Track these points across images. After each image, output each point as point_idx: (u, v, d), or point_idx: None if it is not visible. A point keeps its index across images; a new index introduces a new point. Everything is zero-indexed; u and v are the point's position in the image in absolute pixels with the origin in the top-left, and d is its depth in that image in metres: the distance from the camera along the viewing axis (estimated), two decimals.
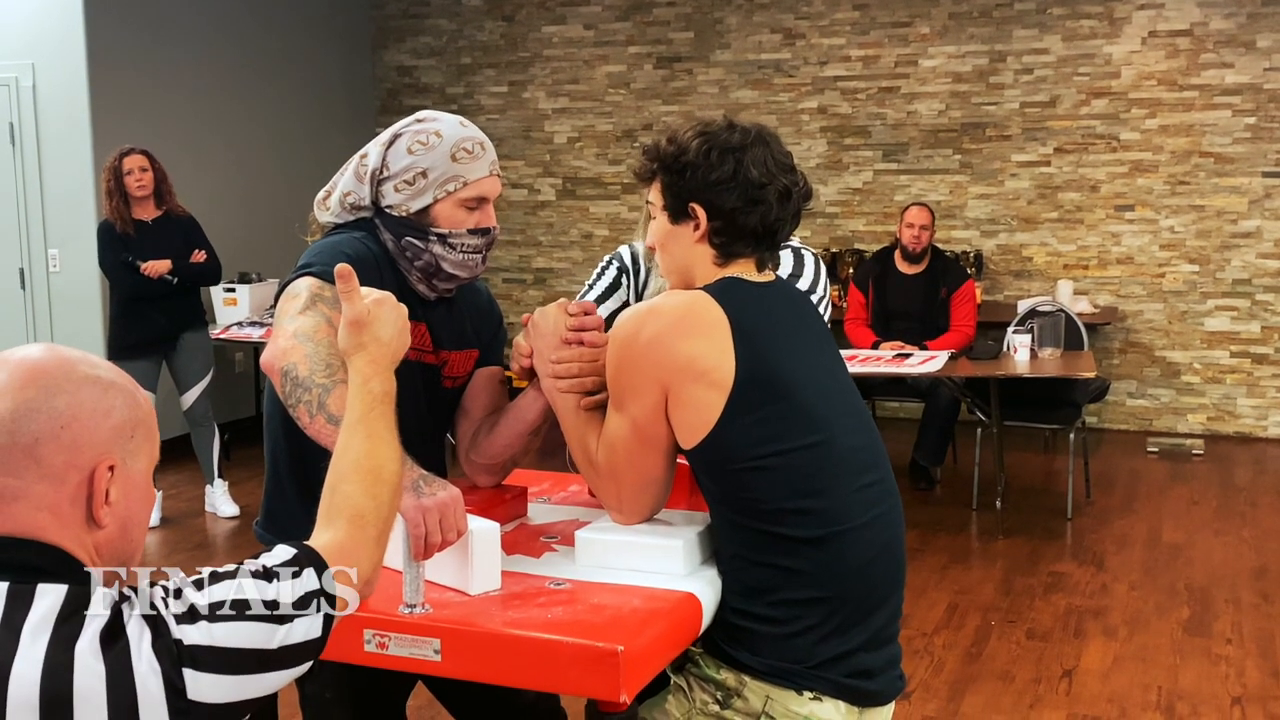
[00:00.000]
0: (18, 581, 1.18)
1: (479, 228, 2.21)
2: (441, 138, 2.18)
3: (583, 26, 8.91)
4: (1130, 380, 7.96)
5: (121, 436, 1.27)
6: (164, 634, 1.19)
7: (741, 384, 1.91)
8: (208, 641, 1.20)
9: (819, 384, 2.00)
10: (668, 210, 2.07)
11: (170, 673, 1.17)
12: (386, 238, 2.22)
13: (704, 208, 2.02)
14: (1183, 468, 7.12)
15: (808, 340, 2.05)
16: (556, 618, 1.80)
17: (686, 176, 2.02)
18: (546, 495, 2.49)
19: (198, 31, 7.77)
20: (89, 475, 1.24)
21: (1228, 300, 7.73)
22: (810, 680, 1.93)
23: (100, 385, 1.26)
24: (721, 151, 2.00)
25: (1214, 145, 7.65)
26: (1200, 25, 7.61)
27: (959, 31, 8.07)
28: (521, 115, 9.14)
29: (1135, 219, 7.86)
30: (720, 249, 2.04)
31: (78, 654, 1.14)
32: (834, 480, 1.95)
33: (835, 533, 1.93)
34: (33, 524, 1.21)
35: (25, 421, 1.21)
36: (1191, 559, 5.45)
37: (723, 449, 1.93)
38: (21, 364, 1.24)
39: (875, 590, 1.98)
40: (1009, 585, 5.14)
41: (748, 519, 1.95)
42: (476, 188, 2.20)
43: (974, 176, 8.14)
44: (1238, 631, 4.61)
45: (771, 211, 2.02)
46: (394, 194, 2.19)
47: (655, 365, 1.94)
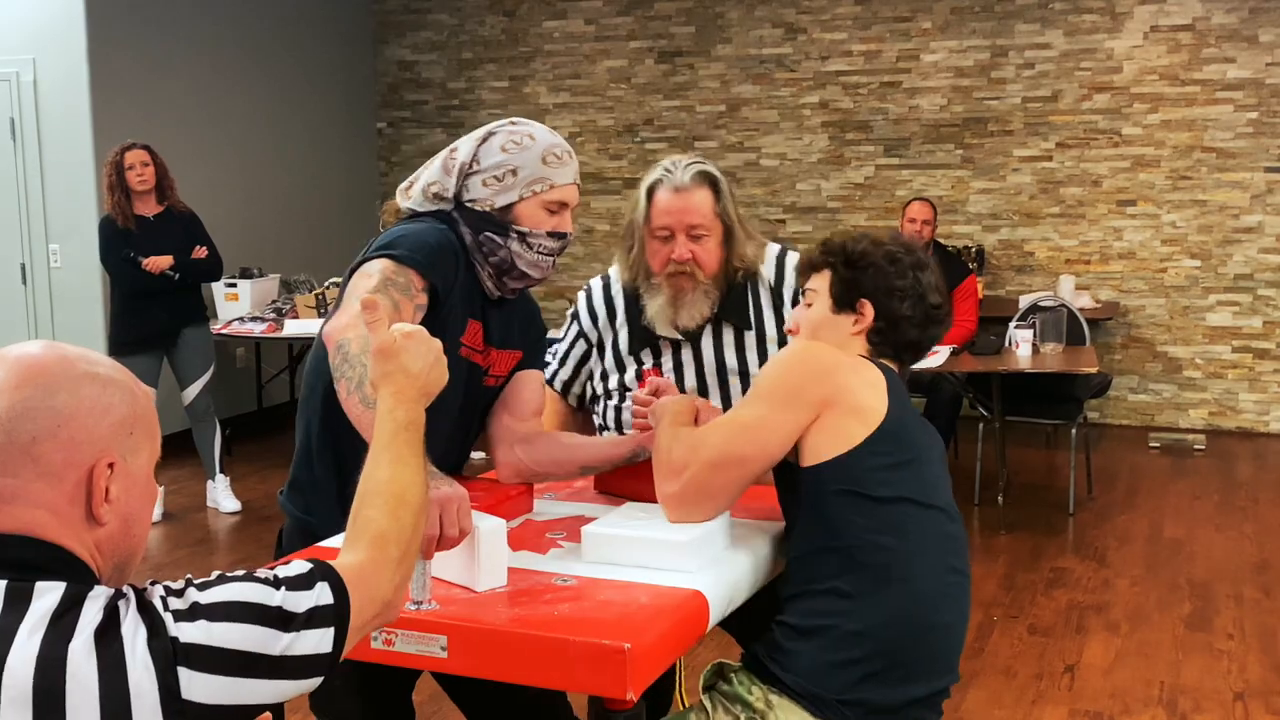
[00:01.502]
0: (17, 579, 1.18)
1: (557, 231, 2.30)
2: (535, 140, 2.27)
3: (584, 21, 8.90)
4: (1132, 375, 7.96)
5: (121, 433, 1.26)
6: (160, 632, 1.17)
7: (885, 429, 2.03)
8: (205, 640, 1.18)
9: (936, 473, 2.13)
10: (834, 299, 2.17)
11: (165, 671, 1.15)
12: (464, 230, 2.27)
13: (875, 306, 2.14)
14: (1184, 463, 7.11)
15: (933, 439, 2.19)
16: (563, 614, 1.80)
17: (868, 274, 2.14)
18: (553, 492, 2.49)
19: (199, 26, 7.76)
20: (88, 473, 1.23)
21: (1230, 295, 7.73)
22: (836, 712, 1.96)
23: (99, 382, 1.25)
24: (906, 266, 2.15)
25: (1216, 140, 7.65)
26: (1202, 20, 7.61)
27: (960, 26, 8.06)
28: (522, 110, 9.12)
29: (1137, 214, 7.85)
30: (876, 347, 2.17)
31: (71, 651, 1.14)
32: (927, 544, 2.03)
33: (906, 578, 2.00)
34: (32, 522, 1.20)
35: (23, 420, 1.20)
36: (1193, 554, 5.45)
37: (850, 472, 2.00)
38: (20, 361, 1.23)
39: (926, 659, 2.03)
40: (1011, 581, 5.14)
41: (836, 542, 2.00)
42: (561, 192, 2.30)
43: (976, 171, 8.13)
44: (1239, 627, 4.61)
45: (932, 331, 2.18)
46: (481, 188, 2.26)
47: (826, 380, 2.04)
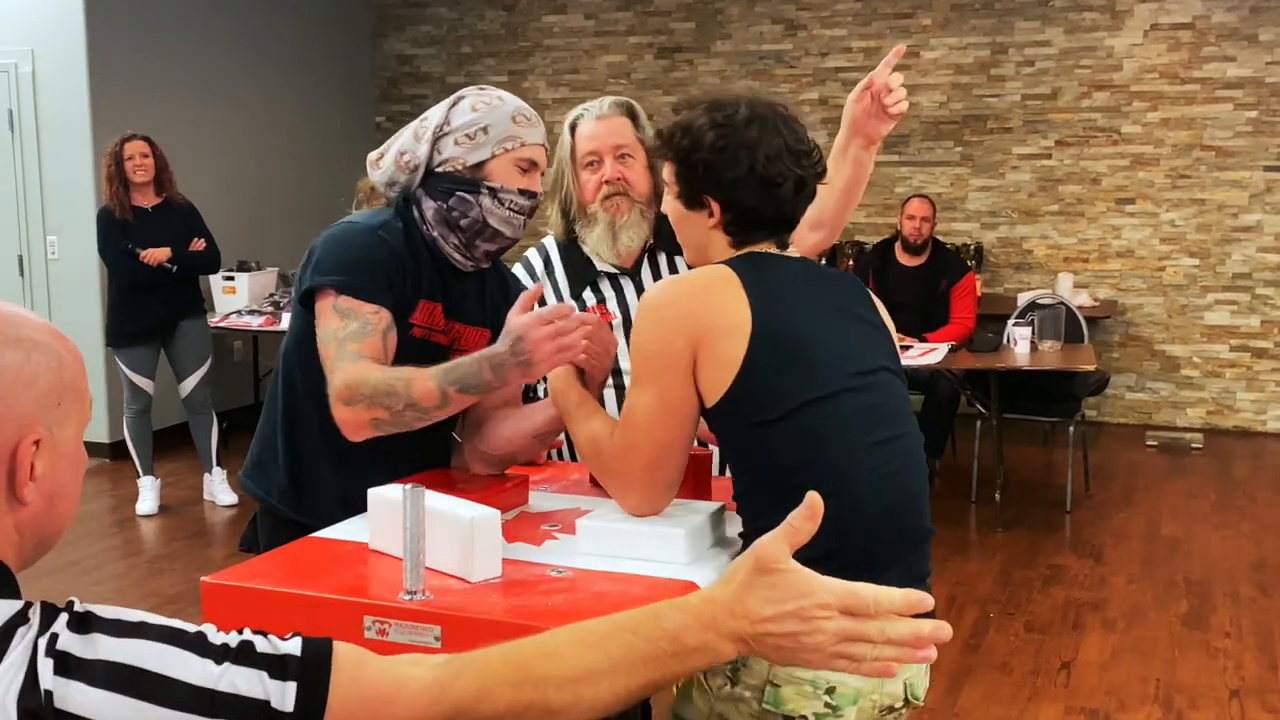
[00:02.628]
0: None
1: (528, 189, 2.32)
2: (504, 101, 2.33)
3: (583, 16, 8.90)
4: (1130, 374, 7.96)
5: (48, 404, 1.12)
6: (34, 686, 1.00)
7: (756, 337, 1.92)
8: (98, 655, 1.02)
9: (832, 344, 1.99)
10: (681, 198, 2.08)
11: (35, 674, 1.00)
12: (427, 206, 2.31)
13: (719, 203, 2.03)
14: (1182, 461, 7.11)
15: (827, 307, 2.04)
16: (557, 605, 1.79)
17: (700, 171, 2.03)
18: (548, 483, 2.48)
19: (198, 18, 7.75)
20: (11, 452, 1.10)
21: (1228, 294, 7.73)
22: None
23: (22, 349, 1.11)
24: (737, 149, 1.99)
25: (1215, 139, 7.64)
26: (1202, 19, 7.60)
27: (960, 23, 8.06)
28: None
29: (1136, 212, 7.85)
30: (736, 236, 2.06)
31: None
32: (839, 437, 1.93)
33: (841, 489, 1.89)
34: None
35: None
36: (1190, 552, 5.45)
37: (741, 404, 1.93)
38: None
39: (889, 548, 1.95)
40: (1008, 578, 5.14)
41: (762, 478, 1.95)
42: (531, 151, 2.32)
43: (975, 169, 8.13)
44: (1236, 625, 4.61)
45: (786, 204, 2.03)
46: (453, 147, 2.29)
47: (685, 324, 1.95)
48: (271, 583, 1.89)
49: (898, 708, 2.00)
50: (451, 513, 1.92)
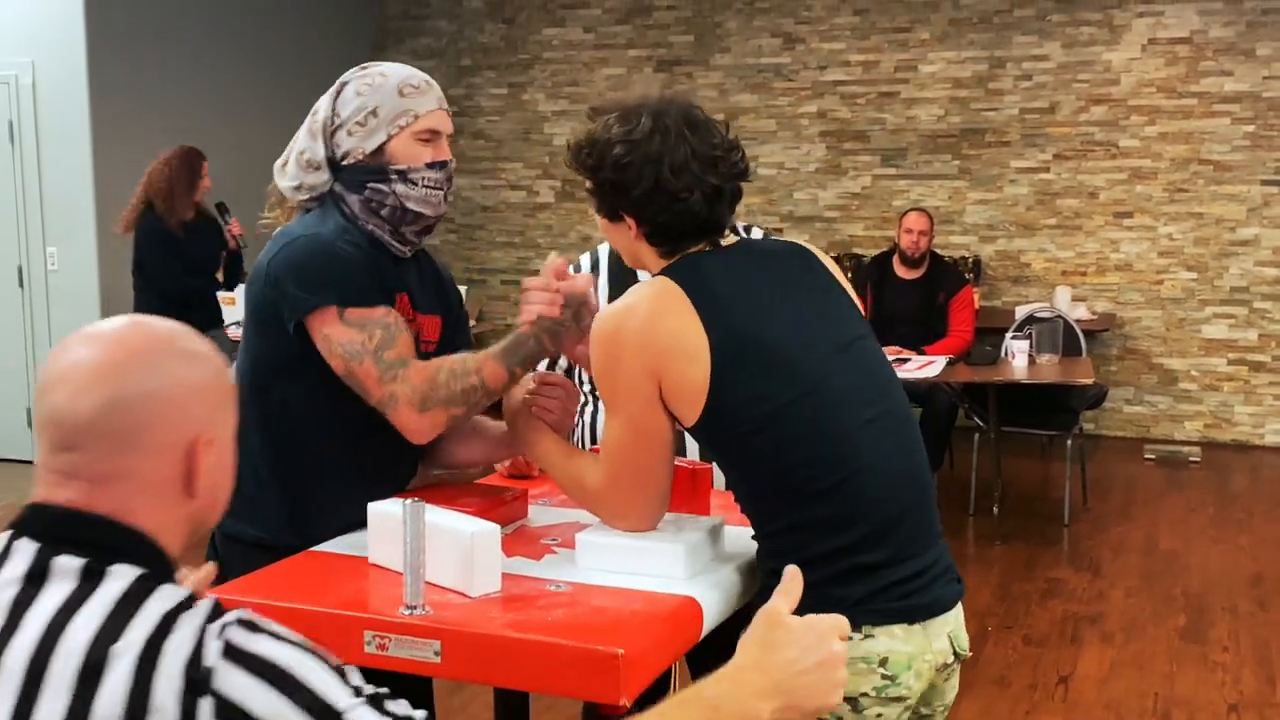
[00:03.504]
0: (95, 560, 1.20)
1: (436, 160, 2.25)
2: (386, 76, 2.24)
3: (582, 29, 8.92)
4: (1128, 387, 7.97)
5: (214, 409, 1.28)
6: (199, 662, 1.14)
7: (717, 350, 1.91)
8: (237, 696, 1.14)
9: (800, 332, 1.98)
10: (600, 212, 2.08)
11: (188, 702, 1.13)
12: (352, 201, 2.24)
13: (633, 218, 2.02)
14: (1180, 475, 7.12)
15: (783, 291, 2.02)
16: (557, 620, 1.79)
17: (609, 189, 2.01)
18: (547, 497, 2.49)
19: (199, 30, 7.77)
20: (186, 452, 1.25)
21: (1225, 308, 7.74)
22: (857, 617, 1.87)
23: (195, 362, 1.27)
24: (640, 164, 1.96)
25: (1213, 153, 7.66)
26: (1200, 33, 7.63)
27: (958, 37, 8.08)
28: (521, 117, 9.14)
29: (1134, 226, 7.86)
30: (663, 248, 2.04)
31: (122, 645, 1.15)
32: (834, 424, 1.93)
33: (847, 476, 1.91)
34: (125, 504, 1.23)
35: (128, 406, 1.22)
36: (1188, 566, 5.46)
37: (721, 419, 1.93)
38: (119, 344, 1.24)
39: (898, 513, 1.96)
40: (1006, 591, 5.14)
41: (762, 482, 1.95)
42: (428, 120, 2.24)
43: (973, 182, 8.14)
44: (1234, 639, 4.61)
45: (700, 214, 1.99)
46: (348, 139, 2.22)
47: (642, 354, 1.93)
48: (272, 597, 1.89)
49: (950, 663, 2.04)
50: (451, 528, 1.92)
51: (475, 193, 9.33)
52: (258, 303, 2.23)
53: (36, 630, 1.16)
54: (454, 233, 9.41)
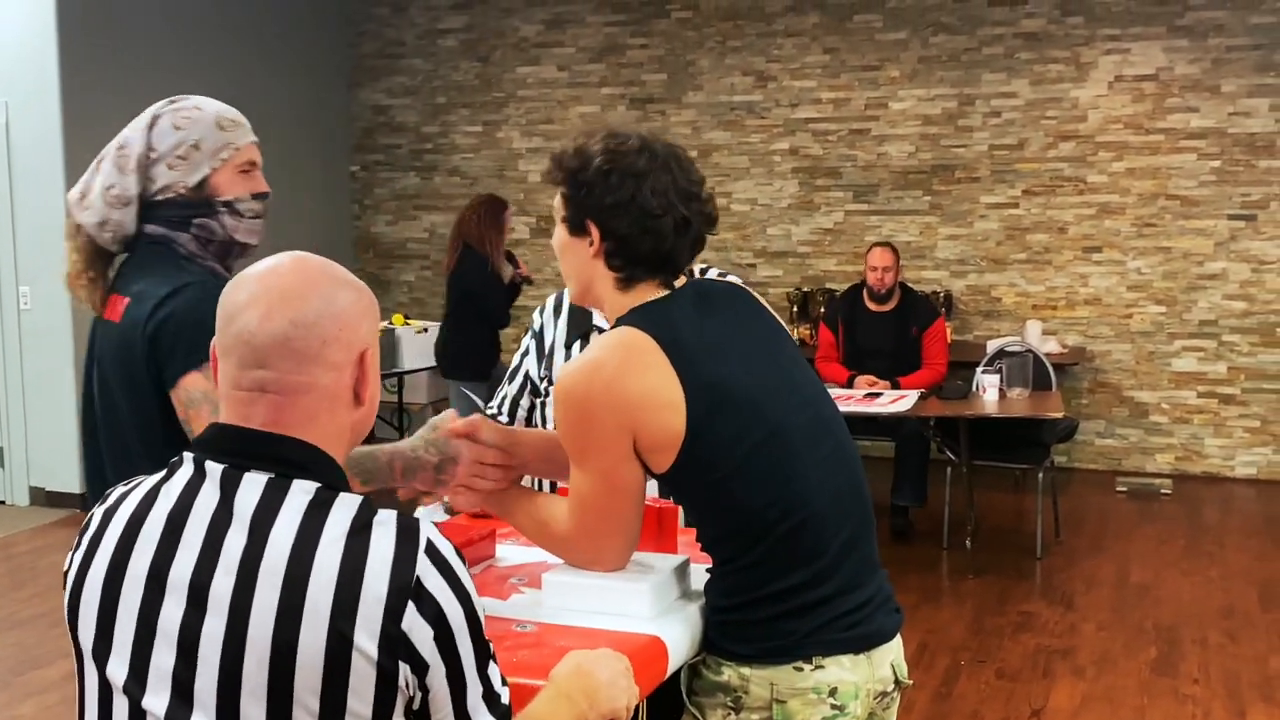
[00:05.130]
0: (279, 475, 1.38)
1: (259, 192, 2.26)
2: (202, 110, 2.22)
3: (556, 67, 8.98)
4: (1099, 420, 8.02)
5: (373, 328, 1.48)
6: (408, 561, 1.35)
7: (691, 399, 1.92)
8: (440, 600, 1.36)
9: (758, 374, 2.00)
10: (566, 222, 2.06)
11: (395, 593, 1.33)
12: (183, 239, 2.19)
13: (598, 228, 2.01)
14: (1151, 507, 7.16)
15: (739, 334, 2.04)
16: (522, 660, 1.80)
17: (583, 194, 2.01)
18: (515, 537, 2.49)
19: (174, 68, 7.78)
20: (356, 363, 1.44)
21: (1194, 341, 7.81)
22: (807, 649, 1.95)
23: (355, 287, 1.47)
24: (622, 175, 1.98)
25: (1180, 188, 7.75)
26: (1165, 70, 7.73)
27: (928, 75, 8.17)
28: (495, 155, 9.18)
29: (1103, 260, 7.94)
30: (618, 272, 2.03)
31: (322, 542, 1.34)
32: (794, 464, 1.96)
33: (806, 517, 1.95)
34: (308, 416, 1.41)
35: (316, 325, 1.41)
36: (1159, 599, 5.49)
37: (694, 466, 1.94)
38: (295, 274, 1.44)
39: (847, 547, 2.00)
40: (979, 625, 5.16)
41: (728, 524, 1.97)
42: (247, 153, 2.24)
43: (943, 218, 8.21)
44: (1205, 671, 4.64)
45: (666, 241, 2.00)
46: (168, 173, 2.18)
47: (615, 412, 1.92)
48: None
49: (890, 691, 2.06)
50: None
51: (450, 229, 9.33)
52: (134, 369, 2.11)
53: (240, 542, 1.35)
54: (429, 269, 9.43)
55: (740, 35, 8.53)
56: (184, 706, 1.34)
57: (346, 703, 1.32)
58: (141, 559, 1.38)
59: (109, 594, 1.39)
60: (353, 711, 1.33)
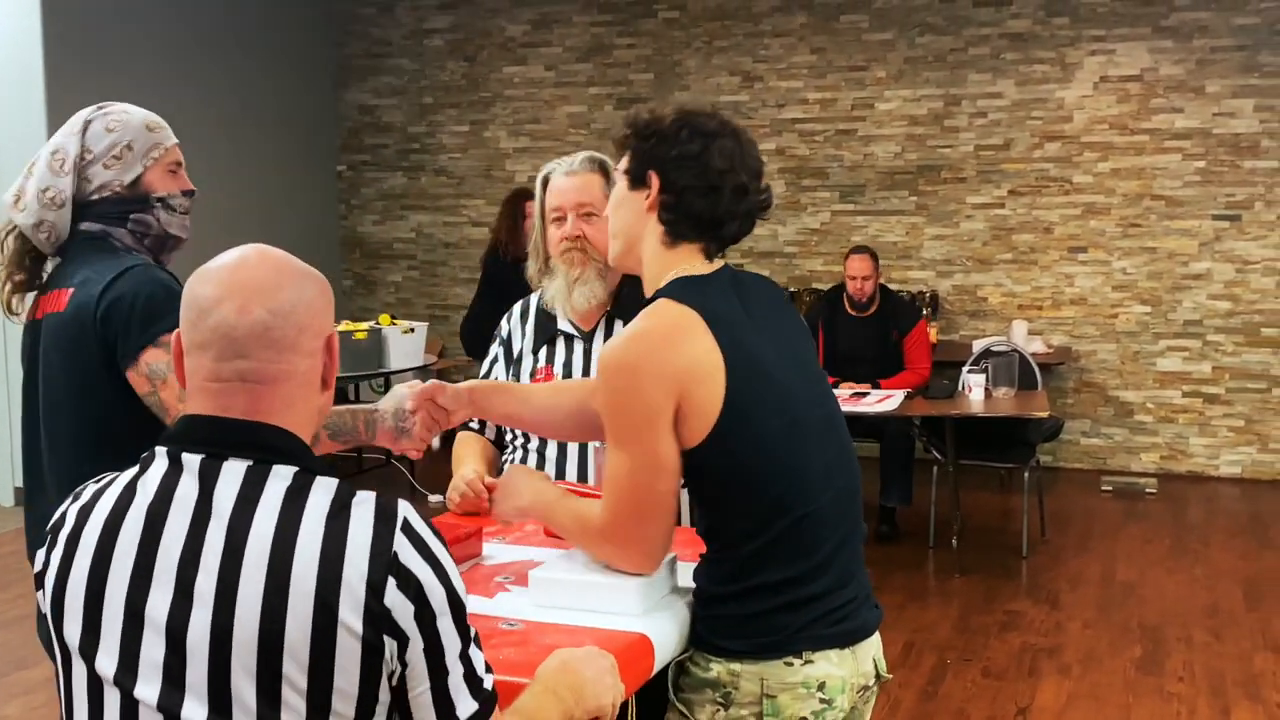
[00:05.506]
0: (258, 461, 1.42)
1: (185, 189, 2.43)
2: (129, 114, 2.38)
3: (544, 67, 8.98)
4: (1084, 419, 8.05)
5: (333, 312, 1.55)
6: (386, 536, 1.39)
7: (731, 371, 1.94)
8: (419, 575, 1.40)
9: (785, 360, 2.04)
10: (629, 174, 2.09)
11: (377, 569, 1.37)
12: (119, 234, 2.34)
13: (660, 178, 2.04)
14: (1136, 506, 7.19)
15: (769, 319, 2.08)
16: (509, 659, 1.80)
17: (651, 144, 2.06)
18: (502, 535, 2.50)
19: (161, 69, 7.77)
20: (325, 348, 1.51)
21: (1179, 341, 7.84)
22: (798, 644, 1.97)
23: (316, 276, 1.53)
24: (693, 131, 2.03)
25: (1165, 188, 7.78)
26: (1150, 71, 7.76)
27: (914, 75, 8.19)
28: (483, 154, 9.18)
29: (1088, 260, 7.97)
30: (668, 227, 2.05)
31: (304, 524, 1.38)
32: (806, 457, 1.99)
33: (811, 510, 1.97)
34: (285, 401, 1.46)
35: (291, 314, 1.46)
36: (1144, 597, 5.51)
37: (723, 442, 1.94)
38: (264, 266, 1.49)
39: (841, 543, 2.03)
40: (965, 624, 5.17)
41: (735, 509, 1.97)
42: (175, 152, 2.43)
43: (929, 218, 8.23)
44: (1189, 670, 4.66)
45: (722, 203, 2.03)
46: (104, 172, 2.32)
47: (663, 379, 1.92)
48: None
49: (871, 685, 2.09)
50: None
51: (437, 229, 9.34)
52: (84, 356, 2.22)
53: (222, 530, 1.38)
54: (416, 269, 9.42)
55: (727, 35, 8.54)
56: (176, 693, 1.36)
57: (333, 680, 1.36)
58: (125, 553, 1.40)
59: (94, 590, 1.40)
60: (339, 689, 1.36)
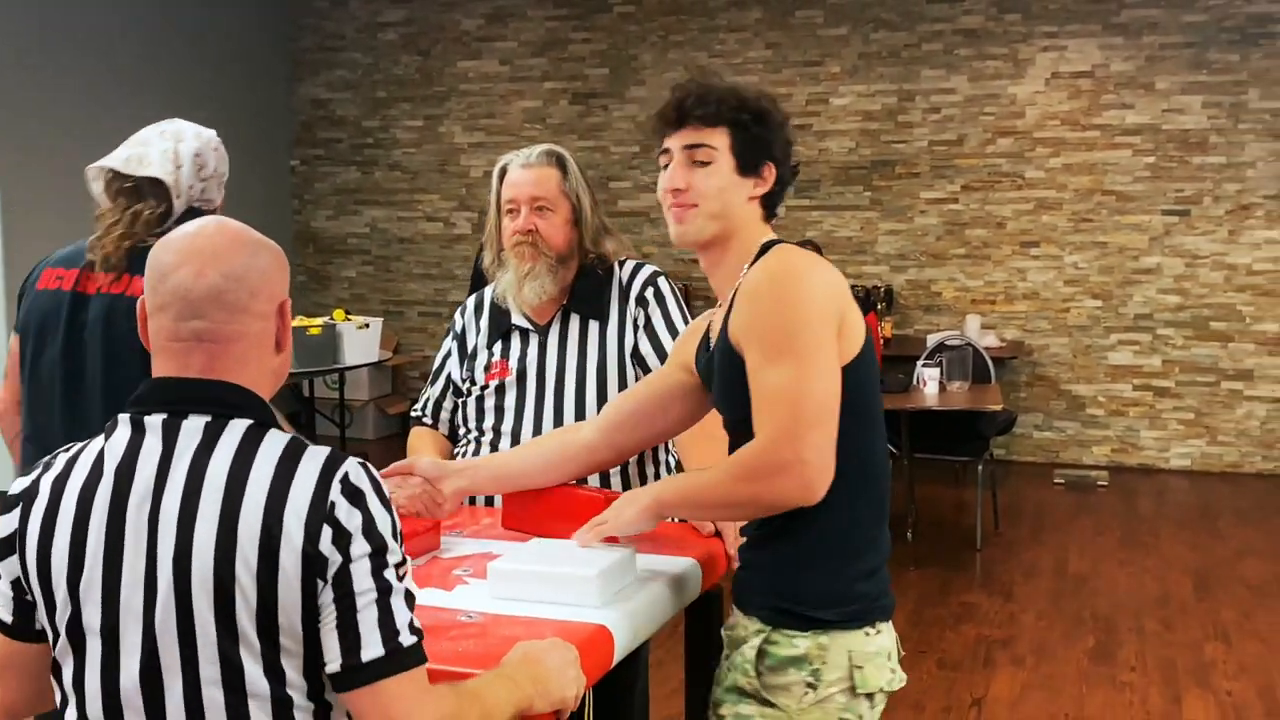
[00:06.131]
0: (216, 415, 1.52)
1: None
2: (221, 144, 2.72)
3: (499, 62, 8.95)
4: (1037, 413, 8.12)
5: (287, 282, 1.63)
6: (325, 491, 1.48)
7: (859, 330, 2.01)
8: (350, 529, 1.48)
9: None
10: (737, 160, 2.05)
11: (314, 520, 1.46)
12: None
13: (774, 168, 2.08)
14: (1088, 498, 7.26)
15: None
16: (467, 651, 1.79)
17: (767, 138, 2.07)
18: (460, 528, 2.48)
19: (113, 66, 7.68)
20: (278, 313, 1.59)
21: (1130, 335, 7.93)
22: (874, 614, 2.01)
23: (271, 246, 1.62)
24: (786, 124, 2.11)
25: (1115, 184, 7.86)
26: (1101, 67, 7.83)
27: (868, 71, 8.22)
28: (437, 149, 9.14)
29: (1040, 255, 8.03)
30: (767, 208, 2.11)
31: (255, 466, 1.48)
32: (880, 427, 2.06)
33: (886, 478, 2.07)
34: (240, 361, 1.55)
35: (244, 278, 1.55)
36: (1097, 589, 5.56)
37: (861, 367, 1.98)
38: (221, 235, 1.58)
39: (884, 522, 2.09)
40: (920, 616, 5.20)
41: (853, 466, 1.95)
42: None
43: (884, 213, 8.27)
44: (1141, 659, 4.71)
45: (790, 184, 2.14)
46: (216, 190, 2.67)
47: (829, 288, 1.96)
48: None
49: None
50: None
51: (392, 224, 9.29)
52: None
53: (182, 474, 1.49)
54: (370, 264, 9.36)
55: (682, 30, 8.55)
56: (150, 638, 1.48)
57: (278, 617, 1.45)
58: (100, 517, 1.50)
59: (75, 556, 1.50)
60: (284, 627, 1.46)
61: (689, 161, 2.06)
